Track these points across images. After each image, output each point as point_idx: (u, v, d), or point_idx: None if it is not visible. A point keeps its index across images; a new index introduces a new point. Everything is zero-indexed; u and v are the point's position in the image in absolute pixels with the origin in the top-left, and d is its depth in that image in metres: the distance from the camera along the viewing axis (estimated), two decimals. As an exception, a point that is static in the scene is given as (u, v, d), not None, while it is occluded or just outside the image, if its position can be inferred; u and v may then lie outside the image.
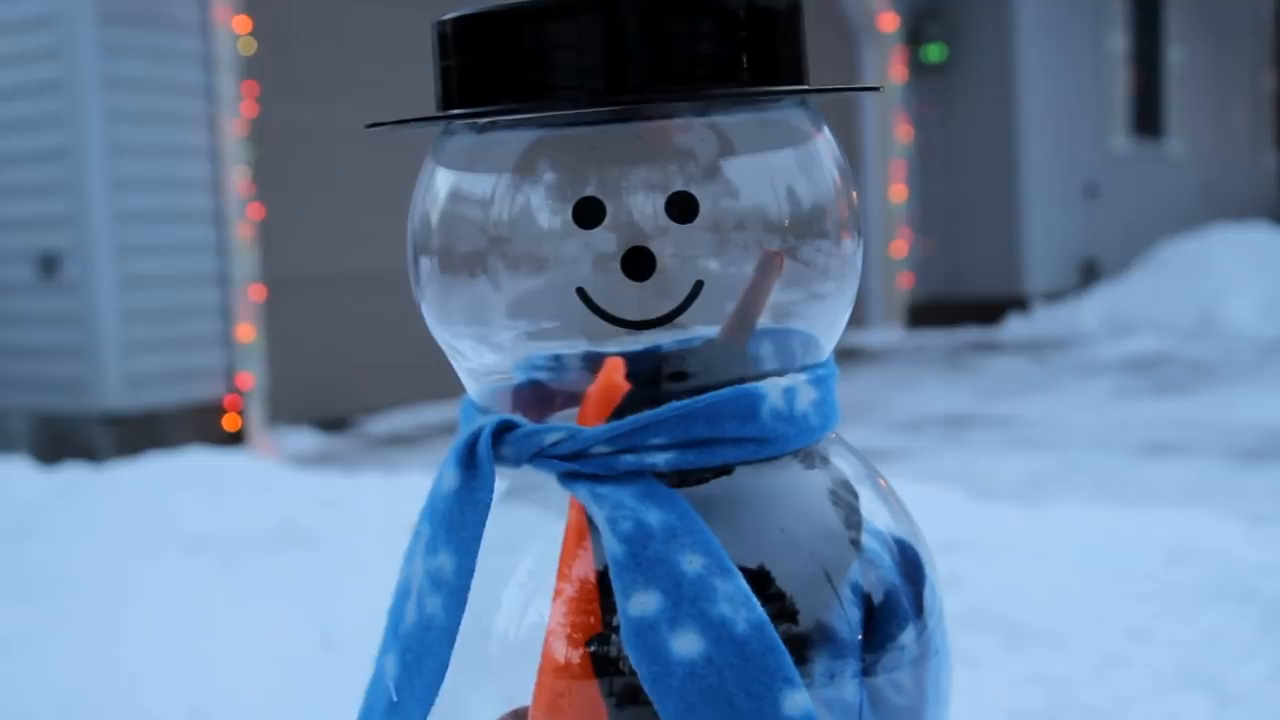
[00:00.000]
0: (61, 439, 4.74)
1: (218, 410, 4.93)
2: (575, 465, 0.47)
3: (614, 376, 0.48)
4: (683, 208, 0.48)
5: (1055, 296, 8.96)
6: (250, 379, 5.00)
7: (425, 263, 0.52)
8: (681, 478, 0.48)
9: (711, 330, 0.49)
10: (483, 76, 0.49)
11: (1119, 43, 9.87)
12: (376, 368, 5.44)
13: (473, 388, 0.53)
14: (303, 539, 2.98)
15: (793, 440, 0.49)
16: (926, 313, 8.79)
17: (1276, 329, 7.68)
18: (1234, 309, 7.98)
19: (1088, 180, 9.48)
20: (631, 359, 0.49)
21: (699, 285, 0.48)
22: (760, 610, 0.45)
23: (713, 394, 0.47)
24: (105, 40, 4.59)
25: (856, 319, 8.51)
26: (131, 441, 4.61)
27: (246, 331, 5.00)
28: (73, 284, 4.71)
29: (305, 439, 5.13)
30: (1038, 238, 8.88)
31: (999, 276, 8.84)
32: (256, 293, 5.07)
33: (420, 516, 0.51)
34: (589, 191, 0.48)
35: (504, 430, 0.49)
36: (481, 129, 0.51)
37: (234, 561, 2.84)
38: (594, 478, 0.47)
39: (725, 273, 0.48)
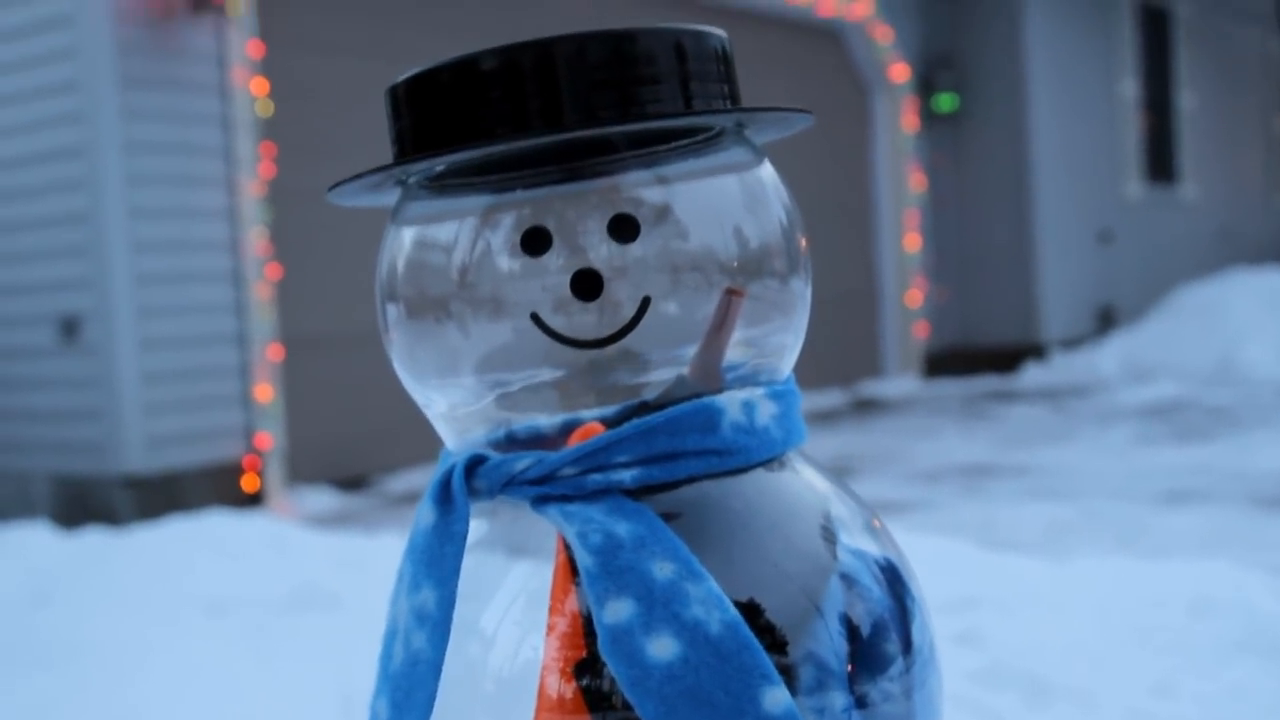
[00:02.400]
0: (82, 501, 4.76)
1: (237, 470, 4.94)
2: (545, 489, 0.49)
3: (591, 428, 0.50)
4: (624, 229, 0.49)
5: (1072, 343, 8.94)
6: (269, 439, 5.02)
7: (392, 311, 0.54)
8: (645, 494, 0.49)
9: (672, 366, 0.50)
10: (430, 128, 0.52)
11: (1130, 88, 9.91)
12: (394, 426, 5.45)
13: (449, 439, 0.55)
14: (323, 601, 2.98)
15: (755, 452, 0.50)
16: (943, 362, 8.78)
17: (1296, 373, 7.65)
18: (1253, 353, 7.95)
19: (1102, 226, 9.49)
20: (609, 421, 0.50)
21: (647, 301, 0.49)
22: (734, 611, 0.46)
23: (673, 409, 0.49)
24: (125, 104, 4.65)
25: (873, 369, 8.52)
26: (151, 503, 4.63)
27: (265, 391, 5.03)
28: (93, 346, 4.74)
29: (324, 498, 5.14)
30: (1053, 285, 8.88)
31: (1015, 324, 8.83)
32: (275, 352, 5.09)
33: (402, 558, 0.53)
34: (535, 222, 0.50)
35: (475, 464, 0.50)
36: (433, 189, 0.53)
37: (254, 625, 2.84)
38: (564, 499, 0.48)
39: (672, 289, 0.49)
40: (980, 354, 8.80)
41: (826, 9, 7.88)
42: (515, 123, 0.50)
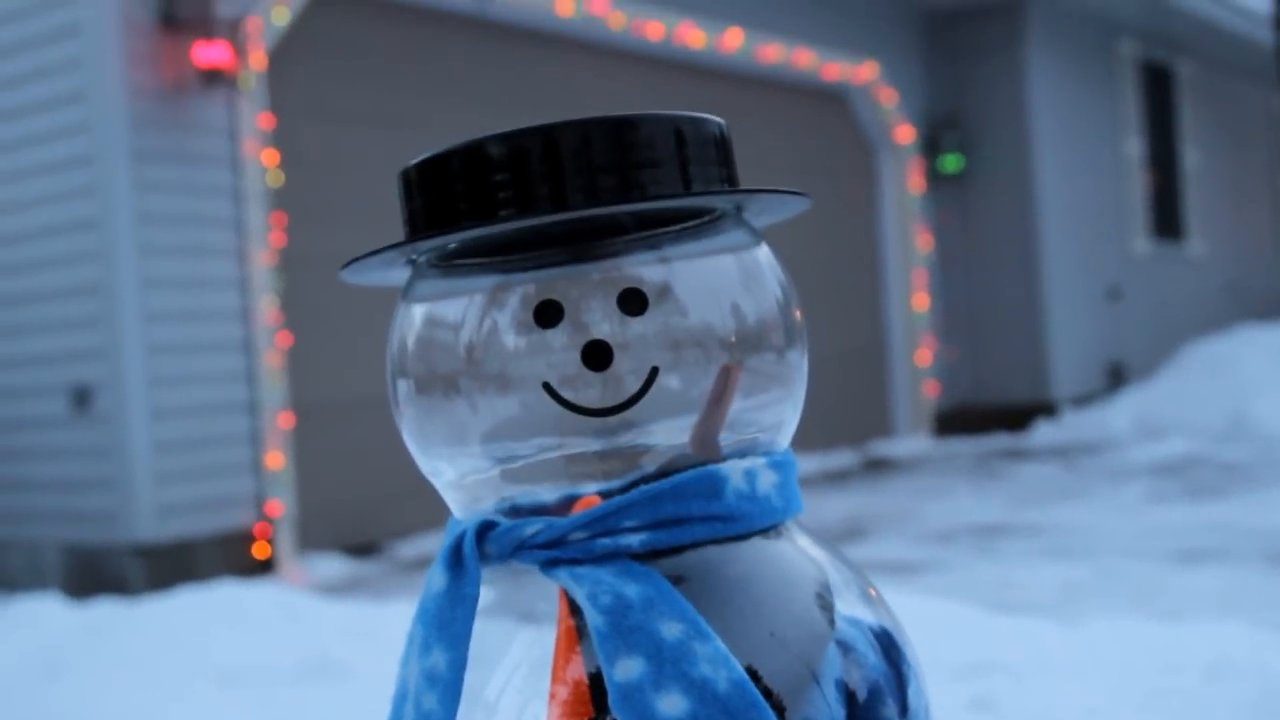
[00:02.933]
0: (93, 571, 4.76)
1: (248, 538, 4.94)
2: (555, 553, 0.50)
3: (590, 501, 0.51)
4: (633, 302, 0.51)
5: (1083, 401, 8.93)
6: (280, 506, 5.02)
7: (402, 385, 0.55)
8: (651, 558, 0.50)
9: (677, 438, 0.51)
10: (441, 209, 0.53)
11: (1135, 146, 9.96)
12: (404, 492, 5.45)
13: (457, 508, 0.56)
14: (335, 671, 2.97)
15: (756, 519, 0.51)
16: (954, 421, 8.77)
17: (1308, 428, 7.62)
18: (1264, 409, 7.93)
19: (1110, 284, 9.51)
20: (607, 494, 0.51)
21: (654, 372, 0.50)
22: (740, 670, 0.47)
23: (679, 475, 0.51)
24: (138, 177, 4.71)
25: (883, 429, 8.51)
26: (162, 572, 4.63)
27: (276, 459, 5.04)
28: (105, 416, 4.76)
29: (335, 565, 5.13)
30: (1063, 342, 8.89)
31: (1025, 382, 8.83)
32: (286, 420, 5.11)
33: (413, 622, 0.54)
34: (546, 296, 0.51)
35: (486, 530, 0.51)
36: (443, 269, 0.55)
37: (266, 695, 2.83)
38: (574, 562, 0.49)
39: (677, 362, 0.51)
40: (991, 412, 8.79)
41: (832, 73, 7.95)
42: (522, 204, 0.52)
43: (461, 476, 0.55)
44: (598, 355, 0.51)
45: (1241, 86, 12.07)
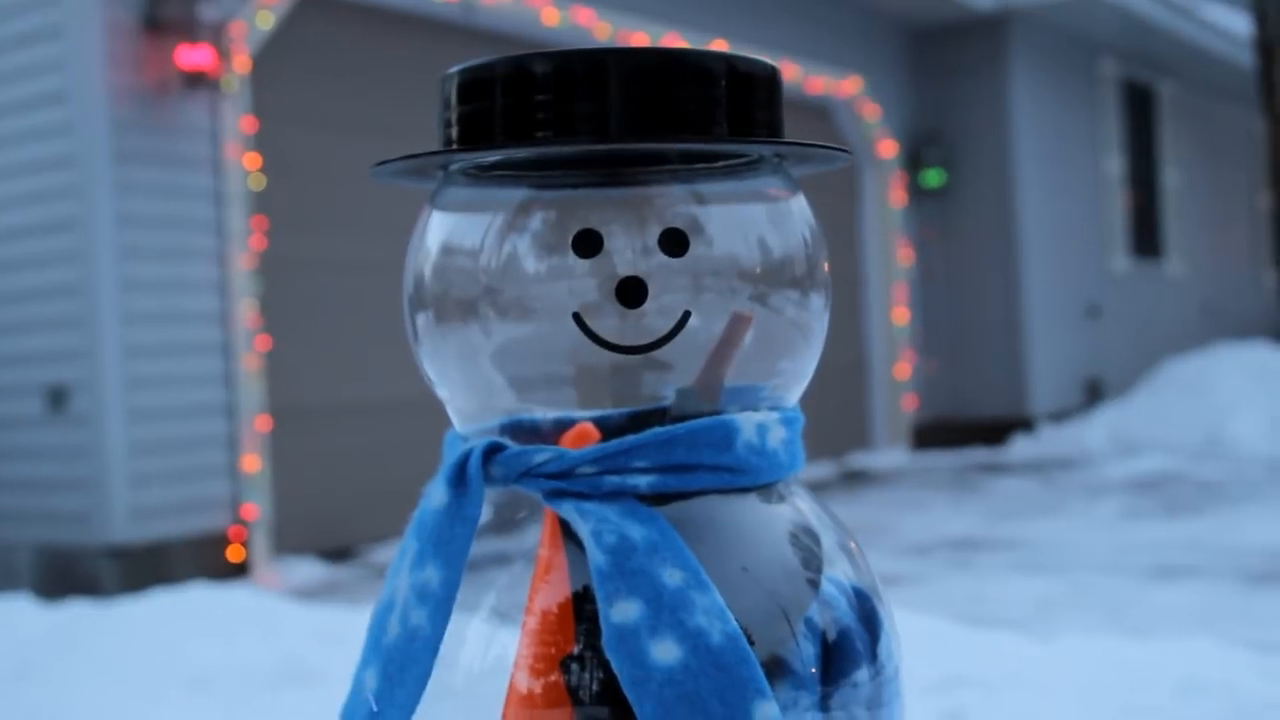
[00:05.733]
0: (66, 572, 4.73)
1: (222, 541, 4.92)
2: (561, 484, 0.50)
3: (585, 428, 0.51)
4: (675, 243, 0.50)
5: (1060, 416, 8.97)
6: (255, 510, 5.00)
7: (424, 296, 0.53)
8: (655, 501, 0.50)
9: (689, 380, 0.51)
10: (479, 121, 0.52)
11: (1116, 165, 10.02)
12: (380, 496, 5.44)
13: (459, 422, 0.55)
14: (308, 676, 2.95)
15: (763, 473, 0.51)
16: (931, 434, 8.79)
17: (1283, 447, 7.67)
18: (1240, 428, 7.98)
19: (1089, 301, 9.55)
20: (603, 423, 0.51)
21: (686, 315, 0.50)
22: (735, 624, 0.47)
23: (692, 422, 0.50)
24: (119, 179, 4.69)
25: (862, 441, 8.53)
26: (136, 574, 4.60)
27: (252, 462, 5.02)
28: (81, 417, 4.74)
29: (309, 569, 5.11)
30: (1041, 358, 8.92)
31: (1003, 397, 8.86)
32: (263, 423, 5.09)
33: (407, 534, 0.53)
34: (588, 225, 0.50)
35: (493, 451, 0.51)
36: (480, 179, 0.54)
37: (239, 700, 2.81)
38: (579, 495, 0.49)
39: (709, 306, 0.50)
40: (969, 426, 8.81)
41: (816, 86, 7.98)
42: (561, 128, 0.51)
43: (473, 393, 0.54)
44: (633, 291, 0.50)
45: (1222, 107, 12.16)
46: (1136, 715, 2.40)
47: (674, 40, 6.96)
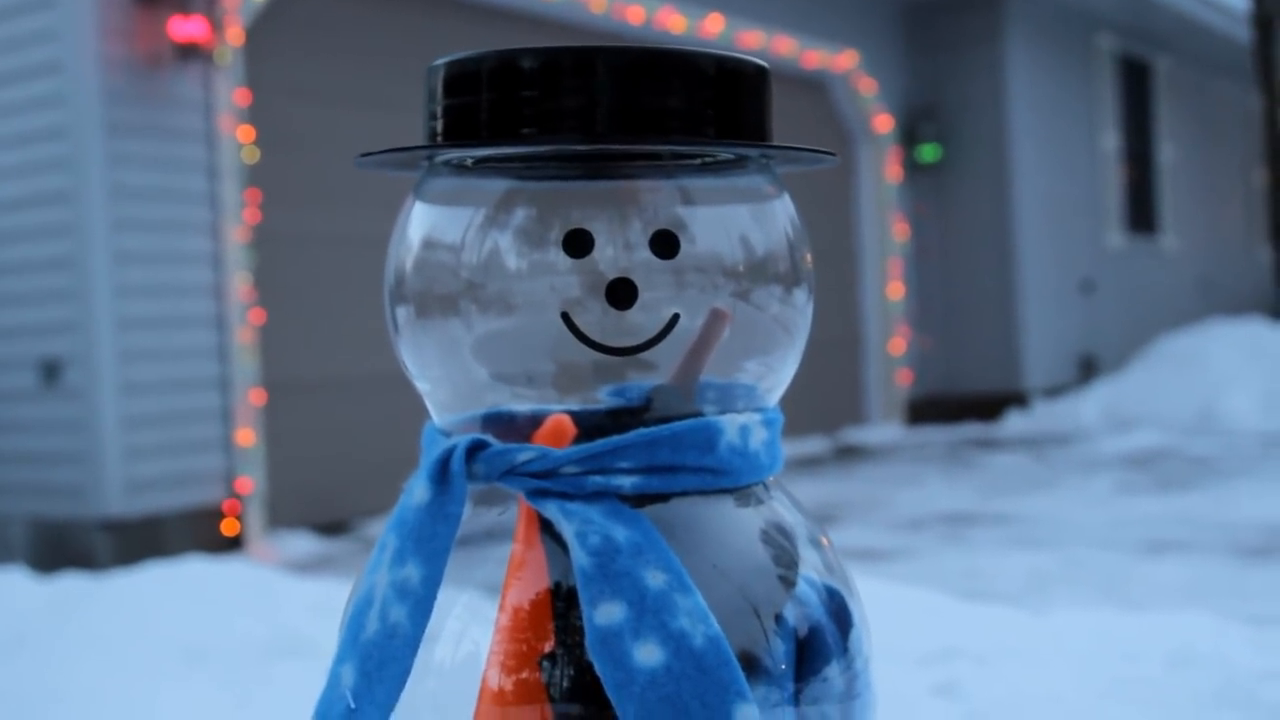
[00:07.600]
0: (60, 545, 4.74)
1: (216, 515, 4.92)
2: (545, 483, 0.50)
3: (561, 421, 0.50)
4: (665, 245, 0.51)
5: (1054, 392, 8.98)
6: (249, 483, 5.00)
7: (405, 290, 0.53)
8: (636, 502, 0.50)
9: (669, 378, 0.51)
10: (464, 116, 0.52)
11: (1111, 140, 10.01)
12: (374, 470, 5.45)
13: (438, 415, 0.55)
14: (303, 649, 2.96)
15: (744, 475, 0.52)
16: (926, 409, 8.80)
17: (1276, 423, 7.69)
18: (1233, 403, 7.99)
19: (1084, 276, 9.55)
20: (580, 416, 0.51)
21: (675, 318, 0.50)
22: (716, 626, 0.47)
23: (676, 424, 0.50)
24: (112, 151, 4.67)
25: (856, 416, 8.54)
26: (130, 547, 4.60)
27: (246, 436, 5.02)
28: (74, 390, 4.73)
29: (303, 542, 5.12)
30: (1035, 334, 8.93)
31: (998, 372, 8.87)
32: (257, 397, 5.09)
33: (386, 529, 0.53)
34: (577, 224, 0.50)
35: (476, 449, 0.51)
36: (465, 171, 0.54)
37: (232, 672, 2.82)
38: (563, 495, 0.49)
39: (695, 307, 0.51)
40: (963, 402, 8.83)
41: (812, 60, 7.95)
42: (546, 125, 0.50)
43: (455, 387, 0.54)
44: (623, 292, 0.50)
45: (1218, 83, 12.14)
46: (1129, 687, 2.41)
47: (670, 14, 6.93)
